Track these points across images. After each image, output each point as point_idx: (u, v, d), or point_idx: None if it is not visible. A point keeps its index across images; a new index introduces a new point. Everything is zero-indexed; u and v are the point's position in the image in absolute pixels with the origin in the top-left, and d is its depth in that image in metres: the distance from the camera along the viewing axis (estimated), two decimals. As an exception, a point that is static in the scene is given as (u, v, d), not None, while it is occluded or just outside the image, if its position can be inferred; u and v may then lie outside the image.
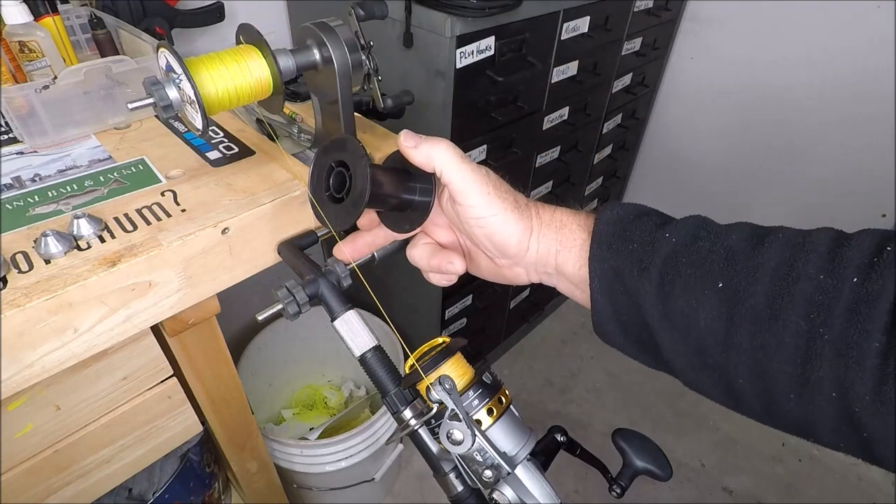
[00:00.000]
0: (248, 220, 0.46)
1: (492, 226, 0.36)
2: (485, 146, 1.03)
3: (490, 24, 0.85)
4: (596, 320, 0.35)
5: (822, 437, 0.27)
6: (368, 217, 0.44)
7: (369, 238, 0.44)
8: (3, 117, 0.55)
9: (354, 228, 0.45)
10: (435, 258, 0.41)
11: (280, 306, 0.41)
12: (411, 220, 0.40)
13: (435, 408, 0.37)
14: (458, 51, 0.83)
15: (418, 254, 0.42)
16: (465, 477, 0.38)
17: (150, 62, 0.58)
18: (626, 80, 1.37)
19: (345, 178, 0.38)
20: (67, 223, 0.42)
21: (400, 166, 0.40)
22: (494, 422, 0.36)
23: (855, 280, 0.24)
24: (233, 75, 0.39)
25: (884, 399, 0.23)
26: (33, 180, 0.49)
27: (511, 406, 0.38)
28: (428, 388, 0.36)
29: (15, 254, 0.40)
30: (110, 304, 0.41)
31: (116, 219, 0.44)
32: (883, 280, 0.24)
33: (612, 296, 0.33)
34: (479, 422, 0.36)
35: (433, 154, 0.36)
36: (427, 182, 0.39)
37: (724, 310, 0.28)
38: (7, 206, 0.45)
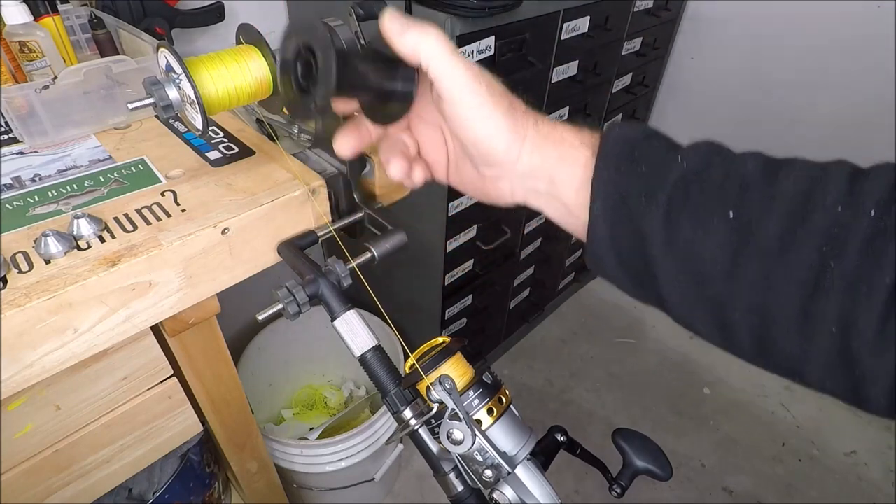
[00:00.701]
0: (248, 220, 0.46)
1: (479, 129, 0.33)
2: (485, 146, 1.03)
3: (490, 24, 0.85)
4: (591, 247, 0.33)
5: (810, 375, 0.27)
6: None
7: (364, 130, 0.40)
8: (3, 117, 0.55)
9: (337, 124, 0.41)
10: (400, 164, 0.38)
11: (280, 306, 0.41)
12: (391, 111, 0.36)
13: (435, 407, 0.37)
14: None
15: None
16: (466, 477, 0.38)
17: (150, 62, 0.58)
18: (627, 79, 1.37)
19: (312, 64, 0.34)
20: (67, 223, 0.42)
21: (383, 49, 0.35)
22: (494, 421, 0.36)
23: (873, 213, 0.23)
24: (233, 75, 0.39)
25: (886, 335, 0.22)
26: (33, 180, 0.49)
27: (511, 406, 0.38)
28: (428, 388, 0.36)
29: (15, 254, 0.40)
30: (110, 304, 0.41)
31: (116, 219, 0.44)
32: None
33: (614, 221, 0.31)
34: (479, 421, 0.36)
35: (420, 47, 0.32)
36: (411, 70, 0.35)
37: (733, 240, 0.27)
38: (7, 206, 0.45)
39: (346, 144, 0.39)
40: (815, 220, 0.25)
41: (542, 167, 0.34)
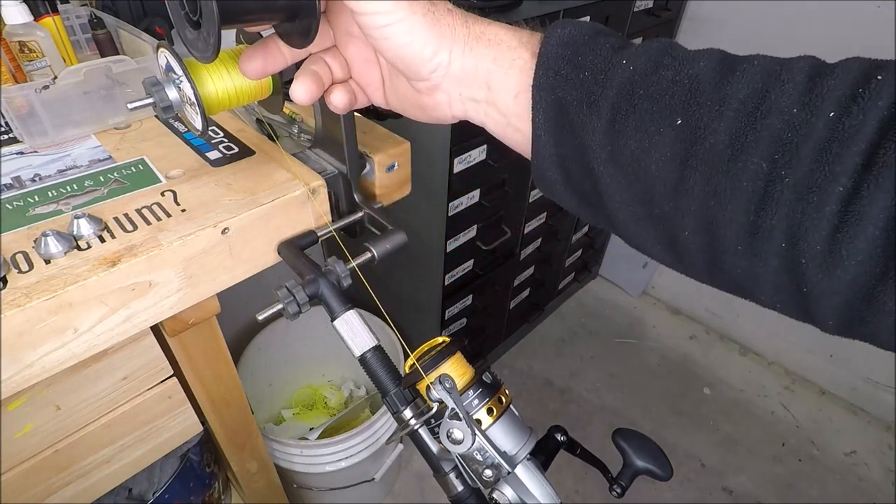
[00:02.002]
0: (248, 220, 0.46)
1: (397, 35, 0.29)
2: (485, 146, 1.03)
3: (490, 24, 0.85)
4: (536, 163, 0.30)
5: (761, 295, 0.25)
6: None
7: (275, 52, 0.34)
8: (3, 117, 0.55)
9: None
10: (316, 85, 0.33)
11: (280, 306, 0.41)
12: (304, 28, 0.32)
13: (435, 407, 0.37)
14: (458, 51, 0.83)
15: (300, 89, 0.33)
16: (466, 476, 0.38)
17: (150, 62, 0.58)
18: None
19: None
20: (67, 223, 0.42)
21: None
22: (494, 421, 0.36)
23: (832, 114, 0.21)
24: (233, 75, 0.39)
25: (834, 249, 0.20)
26: (33, 180, 0.49)
27: (511, 406, 0.38)
28: (428, 388, 0.36)
29: (15, 254, 0.40)
30: (110, 304, 0.41)
31: (116, 219, 0.44)
32: (864, 115, 0.20)
33: (557, 134, 0.28)
34: (479, 421, 0.36)
35: None
36: None
37: (680, 150, 0.24)
38: (7, 206, 0.45)
39: (251, 66, 0.34)
40: (768, 124, 0.22)
41: (476, 71, 0.30)
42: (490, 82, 0.30)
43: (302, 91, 0.33)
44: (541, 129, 0.28)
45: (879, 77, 0.21)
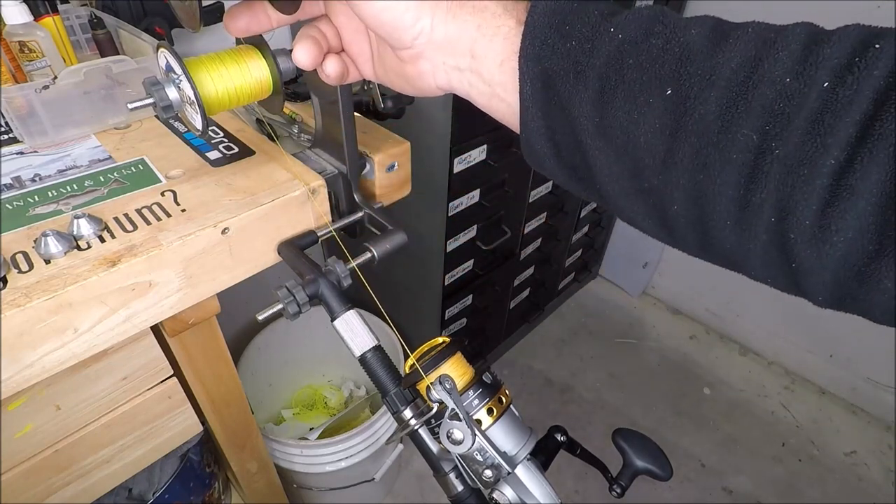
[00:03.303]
0: (248, 220, 0.46)
1: (377, 3, 0.29)
2: (485, 146, 1.03)
3: (490, 24, 0.85)
4: (524, 136, 0.29)
5: (751, 269, 0.24)
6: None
7: (261, 14, 0.34)
8: (3, 117, 0.55)
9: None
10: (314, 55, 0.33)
11: (280, 306, 0.41)
12: None
13: (435, 407, 0.37)
14: (458, 51, 0.83)
15: (301, 51, 0.33)
16: (466, 477, 0.38)
17: (150, 62, 0.58)
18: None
19: None
20: (67, 223, 0.42)
21: None
22: (494, 421, 0.36)
23: (826, 84, 0.20)
24: (233, 75, 0.39)
25: (823, 225, 0.20)
26: (33, 180, 0.49)
27: (511, 406, 0.38)
28: (428, 388, 0.36)
29: (15, 254, 0.40)
30: (110, 304, 0.41)
31: (116, 219, 0.44)
32: (859, 84, 0.19)
33: (545, 106, 0.27)
34: (479, 421, 0.36)
35: None
36: None
37: (669, 122, 0.23)
38: (7, 206, 0.45)
39: (234, 24, 0.33)
40: (760, 94, 0.21)
41: (461, 38, 0.29)
42: (474, 50, 0.29)
43: (304, 53, 0.32)
44: (528, 101, 0.27)
45: (877, 45, 0.20)
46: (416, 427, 0.39)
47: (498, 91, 0.29)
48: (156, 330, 0.51)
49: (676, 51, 0.24)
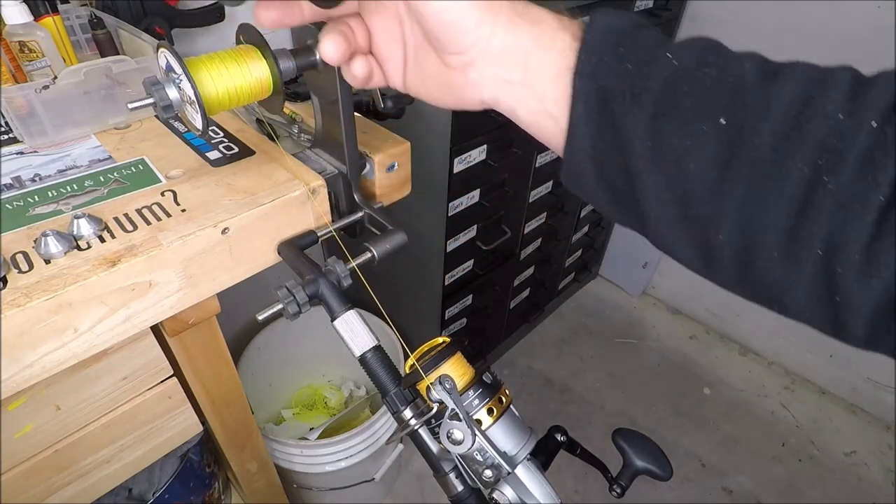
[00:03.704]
0: (248, 220, 0.46)
1: (445, 2, 0.28)
2: (485, 146, 1.03)
3: (490, 24, 0.85)
4: (569, 155, 0.29)
5: (792, 303, 0.24)
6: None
7: (294, 6, 0.33)
8: (3, 117, 0.55)
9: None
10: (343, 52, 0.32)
11: (280, 306, 0.41)
12: None
13: (435, 407, 0.37)
14: (458, 51, 0.83)
15: (330, 45, 0.32)
16: (466, 477, 0.38)
17: (150, 62, 0.58)
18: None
19: None
20: (67, 223, 0.42)
21: None
22: (495, 421, 0.36)
23: (874, 124, 0.21)
24: (233, 75, 0.39)
25: (872, 259, 0.20)
26: (33, 180, 0.49)
27: (511, 406, 0.38)
28: (428, 388, 0.36)
29: (15, 254, 0.40)
30: (110, 304, 0.41)
31: (116, 219, 0.44)
32: None
33: (596, 125, 0.27)
34: (479, 421, 0.36)
35: None
36: None
37: (723, 151, 0.24)
38: (7, 206, 0.45)
39: (267, 15, 0.32)
40: (813, 128, 0.22)
41: (517, 50, 0.29)
42: (528, 63, 0.29)
43: (332, 48, 0.31)
44: (579, 119, 0.27)
45: None
46: (416, 427, 0.39)
47: (548, 106, 0.29)
48: (156, 330, 0.51)
49: (731, 81, 0.24)
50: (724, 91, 0.24)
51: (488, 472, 0.36)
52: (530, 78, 0.29)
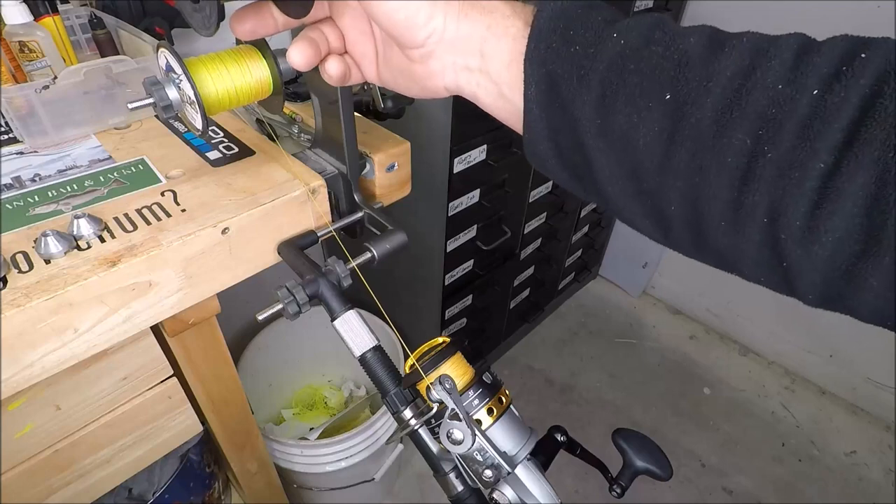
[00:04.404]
0: (248, 220, 0.46)
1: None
2: (485, 146, 1.03)
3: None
4: (528, 137, 0.30)
5: (744, 269, 0.25)
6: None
7: (266, 16, 0.34)
8: (3, 117, 0.55)
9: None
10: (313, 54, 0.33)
11: (280, 306, 0.41)
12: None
13: (435, 407, 0.37)
14: (458, 51, 0.83)
15: (295, 52, 0.33)
16: (466, 477, 0.38)
17: (150, 62, 0.58)
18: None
19: None
20: (67, 223, 0.42)
21: None
22: (495, 421, 0.36)
23: (815, 92, 0.21)
24: (233, 75, 0.39)
25: (812, 226, 0.21)
26: (33, 180, 0.49)
27: (511, 406, 0.38)
28: (428, 388, 0.36)
29: (15, 254, 0.40)
30: (110, 304, 0.41)
31: (116, 219, 0.44)
32: (846, 92, 0.20)
33: (548, 108, 0.28)
34: (479, 421, 0.36)
35: None
36: None
37: (667, 125, 0.24)
38: (7, 206, 0.45)
39: (241, 28, 0.33)
40: (753, 100, 0.22)
41: (472, 37, 0.30)
42: (483, 50, 0.30)
43: (298, 55, 0.33)
44: (532, 103, 0.28)
45: (864, 55, 0.21)
46: (416, 427, 0.39)
47: (504, 91, 0.30)
48: (156, 330, 0.51)
49: (675, 58, 0.24)
50: (669, 67, 0.24)
51: (488, 472, 0.36)
52: (486, 64, 0.30)
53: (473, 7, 0.30)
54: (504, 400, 0.38)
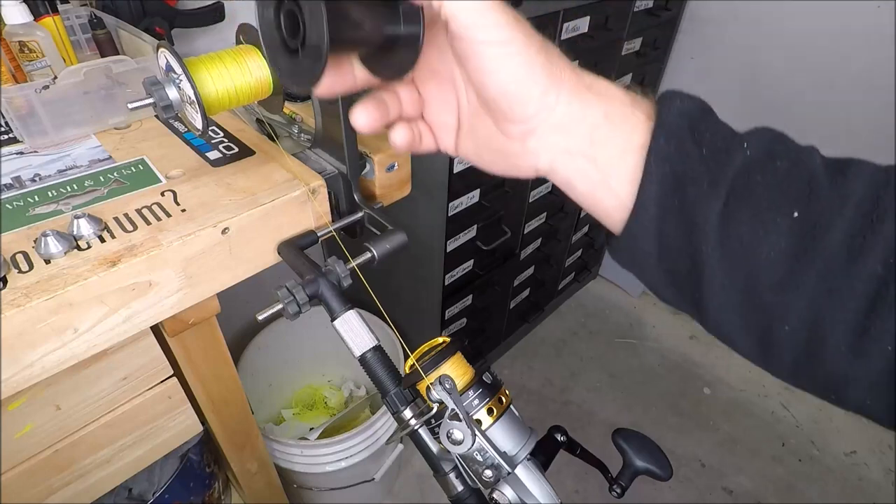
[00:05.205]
0: (248, 220, 0.46)
1: (508, 72, 0.27)
2: (485, 146, 1.03)
3: (490, 24, 0.85)
4: (630, 233, 0.28)
5: (852, 395, 0.25)
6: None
7: (346, 73, 0.31)
8: (3, 117, 0.55)
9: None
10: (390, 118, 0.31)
11: (280, 306, 0.41)
12: (398, 60, 0.29)
13: (435, 407, 0.37)
14: (458, 51, 0.83)
15: (362, 115, 0.30)
16: (466, 477, 0.38)
17: (150, 62, 0.58)
18: (627, 79, 1.37)
19: (297, 18, 0.28)
20: (67, 223, 0.42)
21: None
22: (494, 421, 0.36)
23: None
24: (233, 75, 0.39)
25: None
26: (33, 180, 0.49)
27: (511, 406, 0.38)
28: (428, 388, 0.36)
29: (15, 254, 0.40)
30: (110, 304, 0.41)
31: (116, 219, 0.44)
32: None
33: (665, 207, 0.26)
34: (479, 421, 0.36)
35: None
36: (414, 8, 0.28)
37: (795, 243, 0.24)
38: (7, 206, 0.45)
39: (323, 86, 0.30)
40: (884, 227, 0.22)
41: (583, 121, 0.28)
42: (594, 136, 0.28)
43: (364, 118, 0.30)
44: (650, 200, 0.27)
45: None
46: (416, 427, 0.39)
47: (612, 182, 0.28)
48: (156, 330, 0.51)
49: (805, 176, 0.25)
50: (798, 184, 0.24)
51: (488, 472, 0.36)
52: (595, 151, 0.28)
53: (590, 89, 0.29)
54: (504, 400, 0.38)
